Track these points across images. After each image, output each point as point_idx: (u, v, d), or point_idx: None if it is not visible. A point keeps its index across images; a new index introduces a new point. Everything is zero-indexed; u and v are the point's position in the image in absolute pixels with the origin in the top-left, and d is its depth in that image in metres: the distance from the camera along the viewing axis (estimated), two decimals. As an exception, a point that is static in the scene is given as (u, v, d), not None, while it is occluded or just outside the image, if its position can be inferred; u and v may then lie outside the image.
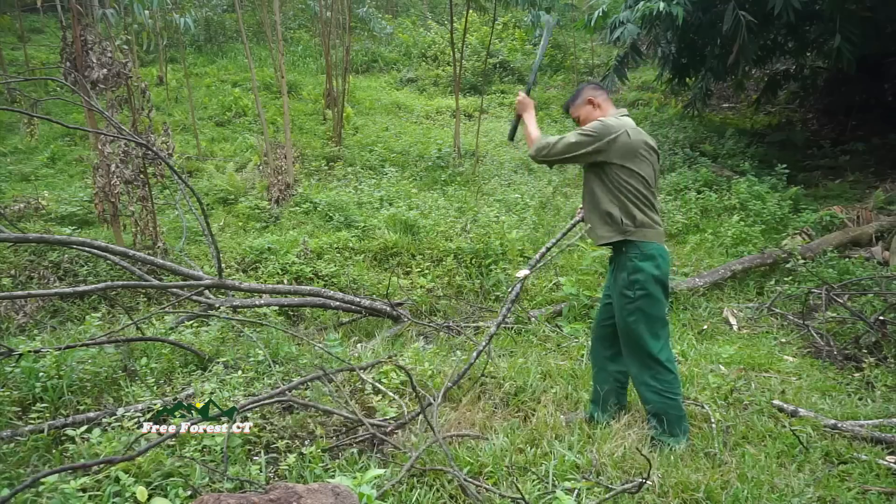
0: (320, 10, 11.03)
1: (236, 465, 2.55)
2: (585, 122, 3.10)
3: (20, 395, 3.08)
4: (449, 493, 2.56)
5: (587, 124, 3.02)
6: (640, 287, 2.94)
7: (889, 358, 4.22)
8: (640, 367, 3.02)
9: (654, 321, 2.99)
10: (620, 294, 3.00)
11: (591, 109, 3.14)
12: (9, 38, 12.61)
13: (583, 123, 3.12)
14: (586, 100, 3.16)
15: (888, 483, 2.83)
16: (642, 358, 3.01)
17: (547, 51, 14.91)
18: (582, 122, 3.15)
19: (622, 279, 2.98)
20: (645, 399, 3.06)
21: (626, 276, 2.96)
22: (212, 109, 10.87)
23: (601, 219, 3.03)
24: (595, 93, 3.16)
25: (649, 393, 3.01)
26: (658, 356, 2.98)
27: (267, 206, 7.27)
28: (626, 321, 3.00)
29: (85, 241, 4.19)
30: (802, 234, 6.62)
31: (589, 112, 3.14)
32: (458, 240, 6.35)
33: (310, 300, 4.86)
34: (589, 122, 3.04)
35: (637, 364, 3.04)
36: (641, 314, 2.96)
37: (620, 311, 3.02)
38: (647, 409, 3.07)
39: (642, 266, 2.93)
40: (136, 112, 5.62)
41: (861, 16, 7.41)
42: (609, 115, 3.08)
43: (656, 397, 3.00)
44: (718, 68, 9.09)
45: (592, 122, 3.00)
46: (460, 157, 9.33)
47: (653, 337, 2.98)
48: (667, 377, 3.00)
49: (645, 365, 3.00)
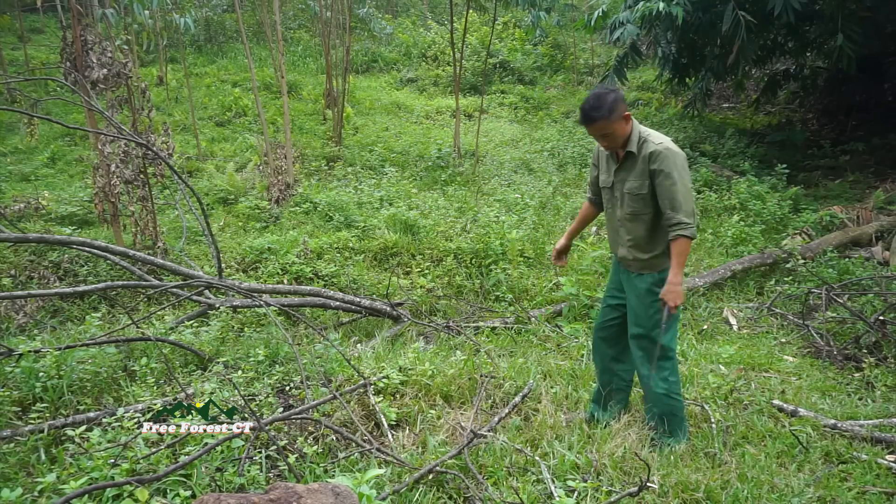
0: (320, 10, 11.03)
1: (236, 465, 2.55)
2: (619, 139, 2.84)
3: (20, 395, 3.08)
4: (449, 493, 2.57)
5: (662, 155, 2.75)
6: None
7: (889, 358, 4.21)
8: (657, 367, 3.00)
9: (676, 319, 3.03)
10: (648, 293, 2.95)
11: (624, 125, 2.82)
12: (9, 38, 12.61)
13: (615, 139, 2.84)
14: (623, 115, 2.79)
15: (888, 483, 2.83)
16: (661, 356, 2.99)
17: (547, 50, 14.96)
18: (615, 137, 2.83)
19: (650, 278, 2.93)
20: (655, 399, 3.04)
21: (657, 274, 2.93)
22: (212, 109, 10.88)
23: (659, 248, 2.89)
24: (626, 105, 2.83)
25: (661, 393, 3.00)
26: (673, 356, 3.03)
27: (267, 206, 7.27)
28: (653, 319, 2.95)
29: (85, 241, 4.19)
30: (802, 234, 6.62)
31: (623, 128, 2.82)
32: (458, 240, 6.35)
33: (310, 300, 4.86)
34: (622, 137, 2.83)
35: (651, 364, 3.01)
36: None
37: (647, 310, 2.96)
38: (655, 410, 3.06)
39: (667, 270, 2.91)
40: (136, 112, 5.62)
41: (861, 15, 7.41)
42: (635, 128, 2.87)
43: (666, 398, 3.01)
44: (718, 68, 9.08)
45: (669, 158, 2.74)
46: (460, 157, 9.33)
47: (673, 335, 3.03)
48: (676, 377, 3.04)
49: (661, 365, 3.00)
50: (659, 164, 2.77)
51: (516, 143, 10.39)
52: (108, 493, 2.26)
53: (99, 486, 2.14)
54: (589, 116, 2.80)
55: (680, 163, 2.78)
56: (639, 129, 2.89)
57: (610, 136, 2.84)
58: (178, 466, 2.28)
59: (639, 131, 2.88)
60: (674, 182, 2.75)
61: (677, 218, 2.75)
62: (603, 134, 2.84)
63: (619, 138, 2.85)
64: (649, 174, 2.82)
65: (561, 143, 10.22)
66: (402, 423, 3.14)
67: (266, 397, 3.09)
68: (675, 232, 2.76)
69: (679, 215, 2.75)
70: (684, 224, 2.74)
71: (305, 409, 2.86)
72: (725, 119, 11.71)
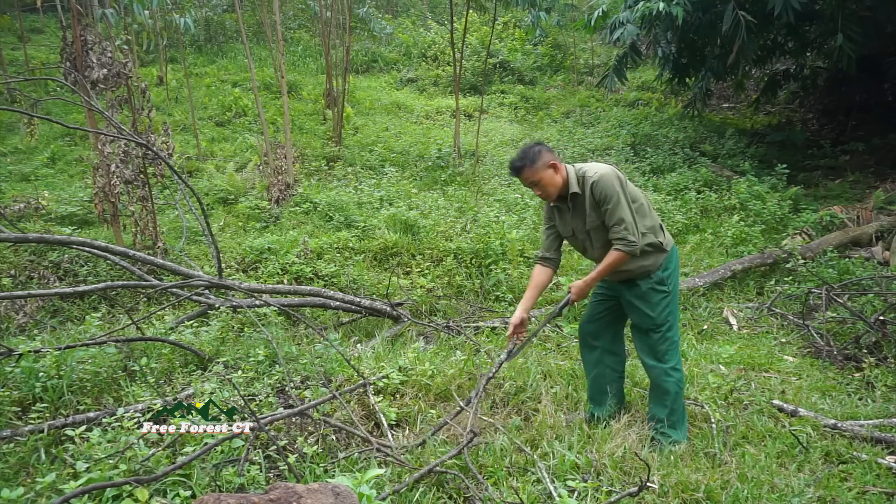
0: (320, 10, 11.03)
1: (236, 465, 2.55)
2: (548, 186, 2.97)
3: (20, 395, 3.08)
4: (449, 493, 2.57)
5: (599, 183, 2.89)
6: (670, 281, 3.07)
7: (889, 358, 4.21)
8: (665, 359, 3.08)
9: (678, 308, 3.17)
10: (653, 291, 3.03)
11: (553, 174, 2.96)
12: (9, 38, 12.62)
13: (545, 188, 2.97)
14: (548, 164, 2.95)
15: (888, 483, 2.83)
16: (668, 348, 3.08)
17: (547, 50, 14.96)
18: (544, 185, 2.97)
19: (654, 277, 3.03)
20: (665, 390, 3.08)
21: (660, 273, 3.04)
22: (212, 109, 10.88)
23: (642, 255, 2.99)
24: (553, 156, 2.98)
25: (670, 381, 3.06)
26: (678, 346, 3.13)
27: (267, 206, 7.27)
28: (660, 316, 3.05)
29: (85, 241, 4.19)
30: (802, 234, 6.62)
31: (551, 177, 2.96)
32: (458, 240, 6.35)
33: (310, 300, 4.86)
34: (552, 185, 2.96)
35: (661, 356, 3.08)
36: (673, 305, 3.10)
37: (653, 308, 3.04)
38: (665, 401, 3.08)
39: (670, 263, 3.08)
40: (136, 112, 5.62)
41: (861, 15, 7.41)
42: (570, 171, 2.99)
43: (675, 386, 3.07)
44: (718, 68, 9.09)
45: (605, 183, 2.88)
46: (460, 157, 9.33)
47: (677, 327, 3.15)
48: (681, 367, 3.15)
49: (669, 356, 3.08)
50: (599, 193, 2.91)
51: (516, 143, 10.39)
52: (108, 493, 2.26)
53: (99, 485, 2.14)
54: (514, 167, 3.01)
55: (616, 183, 2.90)
56: (574, 170, 3.01)
57: (539, 184, 2.98)
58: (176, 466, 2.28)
59: (575, 171, 3.00)
60: (616, 203, 2.89)
61: (620, 234, 2.90)
62: (532, 182, 2.99)
63: (549, 187, 2.98)
64: (597, 204, 2.94)
65: (561, 143, 10.22)
66: (402, 423, 3.14)
67: (266, 397, 3.09)
68: (616, 246, 2.93)
69: (621, 231, 2.90)
70: (627, 241, 2.89)
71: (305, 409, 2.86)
72: (725, 119, 11.71)
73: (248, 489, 2.42)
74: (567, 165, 3.03)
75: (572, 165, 3.04)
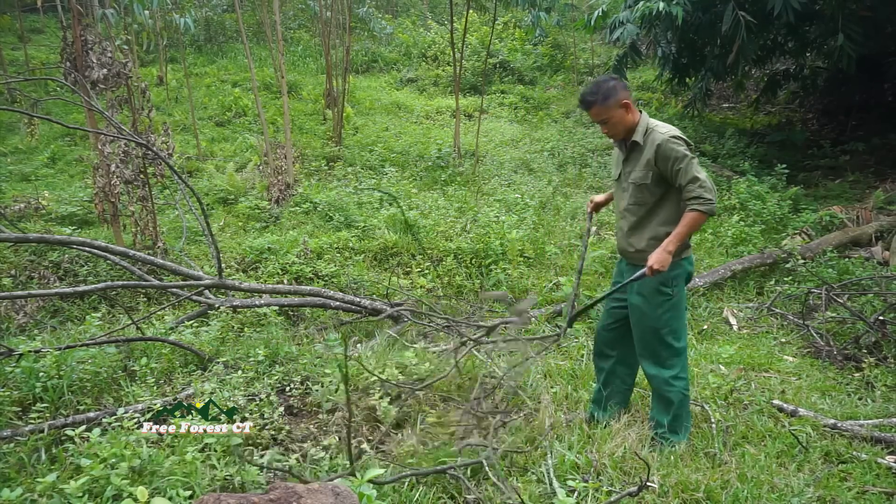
0: (320, 10, 11.03)
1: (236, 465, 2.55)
2: (618, 126, 2.86)
3: (20, 395, 3.08)
4: (449, 493, 2.57)
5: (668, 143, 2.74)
6: (676, 284, 2.96)
7: (889, 358, 4.22)
8: (667, 366, 3.00)
9: (683, 316, 3.05)
10: (657, 292, 2.94)
11: (624, 114, 2.84)
12: (9, 38, 12.62)
13: (614, 126, 2.86)
14: (621, 102, 2.81)
15: (888, 483, 2.83)
16: (670, 355, 2.99)
17: (547, 50, 14.96)
18: (613, 123, 2.85)
19: (659, 278, 2.90)
20: (668, 400, 3.02)
21: (666, 274, 2.91)
22: (212, 109, 10.87)
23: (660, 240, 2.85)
24: (628, 94, 2.84)
25: (673, 391, 3.00)
26: (682, 353, 3.03)
27: (267, 206, 7.27)
28: (661, 319, 2.95)
29: (85, 241, 4.19)
30: (802, 234, 6.62)
31: (622, 116, 2.84)
32: (458, 240, 6.35)
33: (310, 300, 4.86)
34: (621, 127, 2.86)
35: (662, 362, 3.01)
36: (676, 311, 2.98)
37: (655, 310, 2.95)
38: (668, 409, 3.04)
39: (682, 263, 2.96)
40: (136, 112, 5.62)
41: (861, 15, 7.41)
42: (642, 119, 2.88)
43: (679, 395, 3.01)
44: (718, 68, 9.08)
45: (675, 143, 2.75)
46: (460, 157, 9.33)
47: (682, 332, 3.04)
48: (686, 374, 3.05)
49: (672, 363, 3.00)
50: (667, 153, 2.76)
51: (516, 143, 10.39)
52: (108, 493, 2.26)
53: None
54: (584, 101, 2.89)
55: (684, 146, 2.79)
56: (647, 120, 2.90)
57: (608, 122, 2.87)
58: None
59: (646, 123, 2.89)
60: (688, 162, 2.74)
61: (695, 192, 2.72)
62: (601, 120, 2.88)
63: (617, 126, 2.87)
64: (656, 164, 2.82)
65: (561, 143, 10.22)
66: (402, 423, 3.14)
67: (266, 397, 3.09)
68: (692, 206, 2.74)
69: (696, 188, 2.72)
70: (704, 199, 2.71)
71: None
72: (725, 119, 11.71)
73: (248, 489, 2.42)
74: (642, 112, 2.92)
75: (646, 115, 2.92)
